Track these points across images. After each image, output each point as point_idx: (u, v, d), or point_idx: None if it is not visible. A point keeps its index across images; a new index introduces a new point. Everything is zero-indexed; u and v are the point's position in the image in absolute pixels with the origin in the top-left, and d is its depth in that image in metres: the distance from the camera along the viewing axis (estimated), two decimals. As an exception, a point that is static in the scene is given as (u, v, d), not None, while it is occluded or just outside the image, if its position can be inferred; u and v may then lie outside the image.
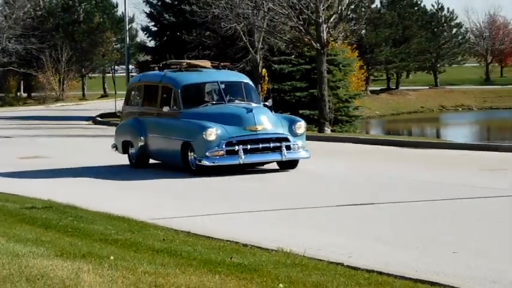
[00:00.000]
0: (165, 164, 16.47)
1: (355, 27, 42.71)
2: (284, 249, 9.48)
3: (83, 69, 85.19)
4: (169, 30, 42.78)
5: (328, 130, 34.42)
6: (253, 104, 16.30)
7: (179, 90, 16.13)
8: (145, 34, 49.32)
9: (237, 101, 16.59)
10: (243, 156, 13.83)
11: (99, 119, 44.05)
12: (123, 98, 20.63)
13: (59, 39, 79.15)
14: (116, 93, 57.24)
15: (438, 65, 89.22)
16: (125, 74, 50.38)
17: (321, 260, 8.97)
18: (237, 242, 10.38)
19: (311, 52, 36.44)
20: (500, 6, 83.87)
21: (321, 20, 34.15)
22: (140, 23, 52.11)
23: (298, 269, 8.30)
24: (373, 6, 73.59)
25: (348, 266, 8.49)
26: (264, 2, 34.69)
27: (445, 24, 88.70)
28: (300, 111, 37.97)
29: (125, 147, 17.70)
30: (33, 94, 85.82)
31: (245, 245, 10.26)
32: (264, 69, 36.82)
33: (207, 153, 13.62)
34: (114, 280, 6.96)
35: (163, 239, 10.72)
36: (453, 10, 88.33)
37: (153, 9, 44.84)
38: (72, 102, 73.33)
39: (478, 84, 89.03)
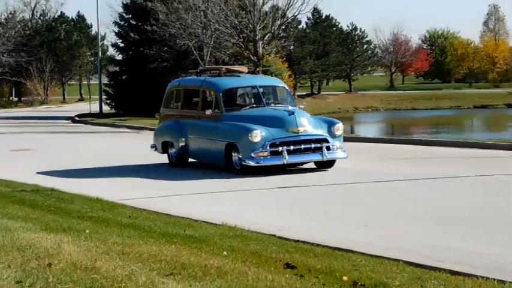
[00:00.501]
0: (206, 163, 15.05)
1: (285, 44, 50.34)
2: (228, 224, 9.49)
3: (63, 78, 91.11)
4: (134, 46, 43.88)
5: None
6: (290, 107, 14.62)
7: (220, 94, 14.39)
8: (115, 49, 51.04)
9: (274, 104, 14.94)
10: (286, 157, 12.49)
11: (76, 118, 46.27)
12: (163, 101, 18.53)
13: (43, 54, 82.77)
14: (90, 97, 63.07)
15: (352, 74, 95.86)
16: (97, 82, 49.07)
17: (258, 232, 8.98)
18: (189, 218, 10.35)
19: (249, 64, 34.99)
20: (402, 27, 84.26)
21: (257, 38, 35.34)
22: (110, 40, 55.34)
23: (239, 239, 8.32)
24: (300, 26, 77.23)
25: (279, 237, 8.57)
26: (211, 23, 35.86)
27: (357, 41, 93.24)
28: None
29: (165, 147, 15.81)
30: (22, 98, 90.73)
31: (196, 220, 10.13)
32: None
33: (252, 154, 12.31)
34: (89, 249, 6.96)
35: (129, 216, 10.69)
36: (364, 30, 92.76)
37: (121, 29, 46.29)
38: (55, 105, 78.08)
39: (384, 90, 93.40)
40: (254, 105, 14.71)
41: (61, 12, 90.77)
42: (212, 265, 6.38)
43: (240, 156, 12.90)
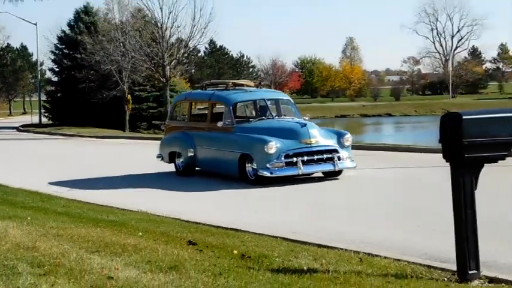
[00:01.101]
0: (217, 173, 12.83)
1: (188, 68, 51.73)
2: (144, 210, 9.64)
3: (10, 96, 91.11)
4: (66, 70, 45.62)
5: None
6: (296, 118, 12.80)
7: (231, 107, 12.30)
8: (51, 73, 52.67)
9: (281, 116, 12.87)
10: (301, 167, 10.74)
11: (21, 128, 44.65)
12: (168, 114, 16.45)
13: None
14: (31, 111, 63.87)
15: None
16: (37, 99, 50.50)
17: (166, 216, 9.08)
18: (112, 206, 10.43)
19: (160, 84, 39.57)
20: (279, 54, 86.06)
21: (165, 64, 36.67)
22: (48, 65, 56.88)
23: (151, 223, 8.45)
24: (199, 54, 79.69)
25: (184, 220, 8.65)
26: (128, 52, 37.24)
27: (244, 66, 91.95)
28: (153, 121, 43.36)
29: (172, 157, 13.62)
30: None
31: (117, 208, 10.21)
32: (129, 95, 39.32)
33: (267, 165, 10.59)
34: (30, 232, 7.01)
35: (63, 206, 10.73)
36: (250, 57, 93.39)
37: (56, 57, 48.49)
38: (2, 117, 71.58)
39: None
40: (263, 118, 12.63)
41: (7, 43, 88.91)
42: (129, 243, 6.37)
43: (255, 167, 11.15)
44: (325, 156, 11.13)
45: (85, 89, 40.34)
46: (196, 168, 14.05)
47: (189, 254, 5.86)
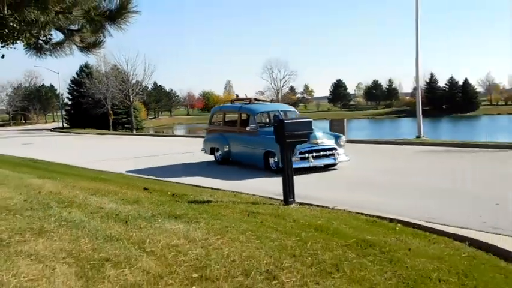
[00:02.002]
0: (246, 164, 14.77)
1: (142, 97, 67.91)
2: (119, 172, 13.89)
3: (45, 112, 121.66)
4: (76, 98, 67.31)
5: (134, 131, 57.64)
6: None
7: (255, 116, 14.65)
8: (68, 99, 75.01)
9: None
10: (312, 161, 12.61)
11: (52, 129, 64.57)
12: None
13: (36, 102, 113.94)
14: (57, 120, 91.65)
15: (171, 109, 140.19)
16: (60, 114, 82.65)
17: (134, 176, 13.13)
18: (102, 171, 14.90)
19: (127, 105, 59.20)
20: (191, 88, 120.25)
21: (130, 94, 57.29)
22: (66, 95, 77.25)
23: (125, 179, 12.59)
24: (148, 89, 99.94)
25: (143, 177, 12.99)
26: (109, 88, 56.49)
27: (172, 95, 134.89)
28: (124, 125, 62.84)
29: (212, 151, 16.28)
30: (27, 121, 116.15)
31: (107, 171, 14.30)
32: (110, 111, 58.43)
33: None
34: (57, 185, 10.51)
35: (78, 171, 14.42)
36: (175, 90, 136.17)
37: (70, 90, 72.27)
38: (41, 124, 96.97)
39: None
40: None
41: (43, 83, 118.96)
42: (112, 190, 9.59)
43: (276, 160, 12.84)
44: (328, 152, 13.07)
45: (86, 108, 61.05)
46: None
47: (144, 194, 9.08)
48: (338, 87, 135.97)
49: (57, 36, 6.56)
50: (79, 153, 24.70)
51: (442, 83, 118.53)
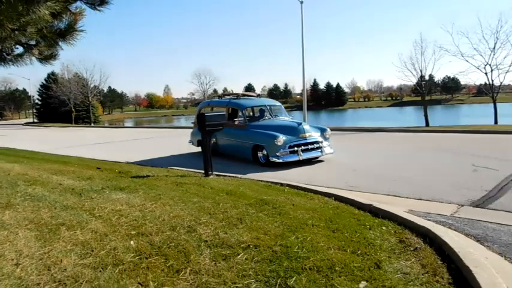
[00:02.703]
0: (234, 156, 11.84)
1: (99, 97, 65.90)
2: (78, 155, 12.94)
3: (19, 111, 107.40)
4: (45, 100, 63.49)
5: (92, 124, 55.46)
6: (287, 118, 12.20)
7: (244, 110, 11.82)
8: (38, 100, 68.08)
9: (278, 117, 12.14)
10: (302, 154, 10.12)
11: (24, 123, 60.46)
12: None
13: (10, 103, 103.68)
14: (29, 117, 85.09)
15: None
16: (31, 111, 76.98)
17: (90, 158, 12.14)
18: (64, 155, 13.42)
19: (87, 103, 58.20)
20: (140, 91, 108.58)
21: (89, 95, 57.25)
22: (36, 97, 71.35)
23: (82, 161, 11.51)
24: (104, 91, 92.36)
25: (98, 159, 11.97)
26: (72, 91, 55.85)
27: (123, 96, 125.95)
28: (84, 120, 59.70)
29: (199, 143, 13.01)
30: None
31: (67, 155, 12.98)
32: (73, 109, 56.50)
33: (277, 153, 9.80)
34: (25, 168, 9.64)
35: (42, 156, 12.84)
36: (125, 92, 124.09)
37: (40, 93, 66.10)
38: (16, 120, 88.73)
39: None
40: (266, 118, 11.76)
41: (16, 87, 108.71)
42: (70, 170, 9.06)
43: (265, 154, 10.27)
44: (315, 145, 10.49)
45: (53, 107, 59.14)
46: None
47: (96, 173, 8.64)
48: (249, 90, 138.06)
49: (19, 49, 6.15)
50: (45, 141, 22.92)
51: (322, 85, 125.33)
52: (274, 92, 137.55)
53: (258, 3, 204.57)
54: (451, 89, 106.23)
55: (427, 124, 32.08)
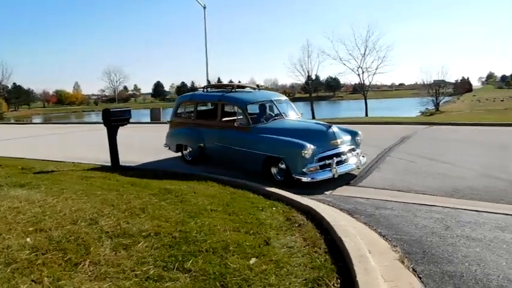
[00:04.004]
0: (229, 166, 7.78)
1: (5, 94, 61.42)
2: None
3: None
4: None
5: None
6: (298, 117, 8.35)
7: (245, 108, 7.80)
8: None
9: (291, 117, 8.13)
10: (337, 169, 6.55)
11: None
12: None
13: None
14: None
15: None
16: None
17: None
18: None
19: None
20: (48, 87, 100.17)
21: None
22: None
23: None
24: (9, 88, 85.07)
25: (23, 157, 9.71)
26: None
27: (30, 93, 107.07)
28: None
29: (179, 148, 9.10)
30: None
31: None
32: None
33: (303, 170, 6.39)
34: None
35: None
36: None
37: None
38: None
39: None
40: (277, 118, 7.89)
41: None
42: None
43: (283, 168, 6.59)
44: (348, 155, 6.98)
45: None
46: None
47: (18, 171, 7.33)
48: (158, 87, 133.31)
49: None
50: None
51: (225, 82, 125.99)
52: (182, 89, 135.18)
53: (169, 7, 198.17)
54: (333, 87, 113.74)
55: (313, 117, 34.09)
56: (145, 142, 13.13)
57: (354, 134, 7.41)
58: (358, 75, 39.16)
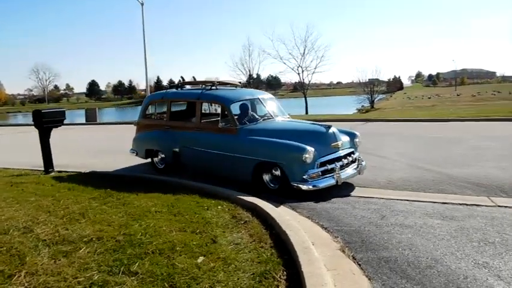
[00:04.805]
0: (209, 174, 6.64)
1: None
2: None
3: None
4: None
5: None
6: (288, 117, 7.29)
7: (230, 107, 6.55)
8: None
9: (280, 117, 6.95)
10: (341, 175, 5.56)
11: None
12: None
13: None
14: None
15: None
16: None
17: None
18: None
19: None
20: None
21: None
22: None
23: None
24: None
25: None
26: None
27: None
28: None
29: (149, 154, 7.61)
30: None
31: None
32: None
33: (304, 176, 5.35)
34: None
35: None
36: None
37: None
38: None
39: None
40: (266, 118, 6.80)
41: None
42: None
43: (279, 176, 5.71)
44: (349, 159, 6.05)
45: None
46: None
47: None
48: (93, 86, 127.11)
49: None
50: None
51: (165, 82, 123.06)
52: (119, 88, 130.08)
53: (103, 3, 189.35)
54: (274, 86, 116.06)
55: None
56: (82, 144, 12.62)
57: (352, 135, 6.45)
58: (298, 74, 40.38)
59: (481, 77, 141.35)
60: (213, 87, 7.43)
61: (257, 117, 6.84)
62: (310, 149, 5.47)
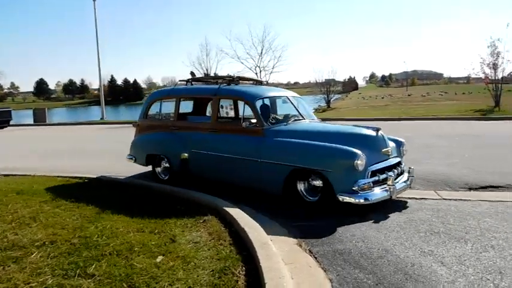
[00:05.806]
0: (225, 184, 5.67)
1: None
2: None
3: None
4: None
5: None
6: (312, 117, 6.10)
7: (256, 104, 5.34)
8: None
9: (310, 117, 5.91)
10: (395, 187, 4.55)
11: None
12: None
13: None
14: None
15: None
16: None
17: None
18: None
19: None
20: None
21: None
22: None
23: None
24: None
25: None
26: None
27: None
28: None
29: (150, 161, 6.36)
30: None
31: None
32: None
33: (353, 187, 4.33)
34: None
35: None
36: None
37: None
38: None
39: None
40: (297, 118, 5.72)
41: None
42: None
43: (321, 185, 4.63)
44: (398, 169, 5.09)
45: None
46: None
47: None
48: (42, 84, 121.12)
49: None
50: None
51: (120, 81, 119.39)
52: (70, 88, 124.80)
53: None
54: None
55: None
56: (30, 145, 12.12)
57: (398, 143, 5.54)
58: (256, 74, 40.69)
59: (430, 78, 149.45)
60: (232, 83, 6.29)
61: (286, 117, 5.88)
62: (361, 154, 4.55)
